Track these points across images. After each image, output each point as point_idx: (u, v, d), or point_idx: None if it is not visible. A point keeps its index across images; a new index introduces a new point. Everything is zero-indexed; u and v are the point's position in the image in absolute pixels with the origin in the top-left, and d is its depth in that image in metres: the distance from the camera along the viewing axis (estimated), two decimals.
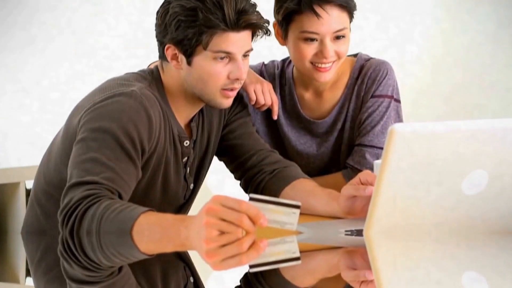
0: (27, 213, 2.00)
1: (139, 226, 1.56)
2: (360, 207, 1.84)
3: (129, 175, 1.75)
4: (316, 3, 2.08)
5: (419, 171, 1.49)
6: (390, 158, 1.46)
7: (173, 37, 1.86)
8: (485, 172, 1.53)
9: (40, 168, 1.98)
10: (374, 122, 2.23)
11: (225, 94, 1.92)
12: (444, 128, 1.48)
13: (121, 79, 1.91)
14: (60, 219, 1.66)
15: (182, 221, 1.54)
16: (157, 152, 1.89)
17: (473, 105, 4.25)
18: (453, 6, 4.27)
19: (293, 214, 1.51)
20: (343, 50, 2.14)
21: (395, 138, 1.44)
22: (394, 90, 2.26)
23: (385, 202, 1.50)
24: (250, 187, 2.10)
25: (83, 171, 1.70)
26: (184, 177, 2.02)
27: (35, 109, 4.02)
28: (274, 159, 2.10)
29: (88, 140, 1.75)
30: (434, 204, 1.53)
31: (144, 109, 1.81)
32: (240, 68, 1.89)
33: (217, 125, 2.09)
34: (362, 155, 2.23)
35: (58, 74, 4.06)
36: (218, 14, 1.83)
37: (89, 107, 1.82)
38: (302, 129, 2.31)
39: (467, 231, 1.59)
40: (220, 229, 1.47)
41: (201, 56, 1.87)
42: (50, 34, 4.03)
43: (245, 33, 1.87)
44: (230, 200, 1.47)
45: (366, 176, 1.83)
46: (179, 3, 1.85)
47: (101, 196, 1.65)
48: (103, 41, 4.14)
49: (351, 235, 1.65)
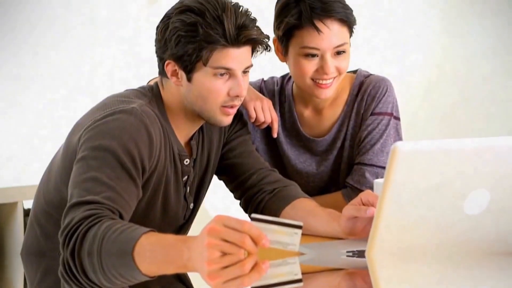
0: (26, 233, 1.98)
1: (140, 247, 1.54)
2: (361, 228, 1.83)
3: (130, 195, 1.74)
4: (317, 17, 2.08)
5: (421, 190, 1.48)
6: (393, 177, 1.45)
7: (173, 53, 1.85)
8: (486, 192, 1.52)
9: (40, 188, 1.96)
10: (373, 140, 2.23)
11: (225, 112, 1.91)
12: (446, 146, 1.47)
13: (121, 96, 1.90)
14: (61, 240, 1.64)
15: (184, 242, 1.52)
16: (158, 171, 1.88)
17: (470, 123, 4.25)
18: (451, 26, 4.28)
19: (295, 234, 1.50)
20: (343, 66, 2.14)
21: (398, 157, 1.43)
22: (394, 107, 2.26)
23: (387, 223, 1.49)
24: (250, 206, 2.09)
25: (84, 191, 1.68)
26: (184, 196, 2.01)
27: (32, 127, 4.00)
28: (274, 178, 2.09)
29: (88, 158, 1.73)
30: (436, 224, 1.52)
31: (145, 127, 1.80)
32: (240, 85, 1.88)
33: (217, 143, 2.08)
34: (361, 174, 2.22)
35: (56, 92, 4.05)
36: (218, 29, 1.82)
37: (89, 124, 1.80)
38: (302, 148, 2.30)
39: (468, 251, 1.58)
40: (222, 250, 1.45)
41: (201, 73, 1.86)
42: (48, 53, 4.02)
43: (245, 48, 1.87)
44: (232, 220, 1.46)
45: (367, 196, 1.82)
46: (179, 18, 1.84)
47: (102, 216, 1.63)
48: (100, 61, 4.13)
49: (352, 257, 1.64)
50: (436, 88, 4.31)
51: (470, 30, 4.22)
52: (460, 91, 4.27)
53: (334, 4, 2.09)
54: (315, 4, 2.08)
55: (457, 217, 1.53)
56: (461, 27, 4.24)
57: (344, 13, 2.10)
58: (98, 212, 1.64)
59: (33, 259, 1.92)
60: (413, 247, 1.54)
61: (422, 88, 4.33)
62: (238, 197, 2.14)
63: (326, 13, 2.08)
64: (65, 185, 1.82)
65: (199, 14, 1.83)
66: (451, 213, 1.52)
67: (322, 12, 2.08)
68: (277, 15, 2.15)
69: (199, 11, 1.83)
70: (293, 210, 2.00)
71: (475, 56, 4.21)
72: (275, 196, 2.05)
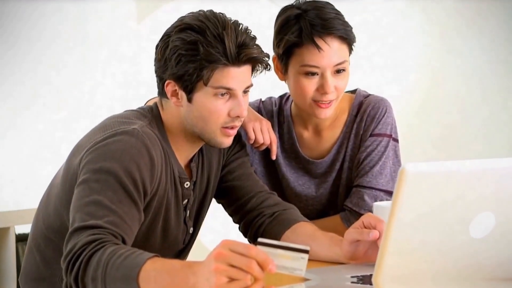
0: (25, 259, 1.95)
1: (145, 272, 1.52)
2: (363, 252, 1.81)
3: (132, 219, 1.71)
4: (317, 35, 2.07)
5: (428, 213, 1.46)
6: (401, 200, 1.42)
7: (174, 73, 1.83)
8: (492, 215, 1.51)
9: (39, 211, 1.93)
10: (372, 162, 2.22)
11: (225, 133, 1.89)
12: (456, 167, 1.45)
13: (121, 117, 1.87)
14: (64, 266, 1.62)
15: (190, 267, 1.50)
16: (159, 194, 1.85)
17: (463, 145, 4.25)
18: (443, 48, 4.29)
19: (301, 259, 1.49)
20: (342, 85, 2.13)
21: (407, 179, 1.41)
22: (393, 128, 2.25)
23: (394, 247, 1.47)
24: (250, 230, 2.07)
25: (86, 215, 1.66)
26: (184, 220, 1.99)
27: (32, 149, 3.96)
28: (273, 202, 2.07)
29: (90, 181, 1.71)
30: (442, 248, 1.50)
31: (146, 149, 1.78)
32: (241, 105, 1.86)
33: (217, 165, 2.06)
34: (360, 197, 2.21)
35: (49, 117, 4.02)
36: (219, 48, 1.80)
37: (90, 146, 1.77)
38: (301, 170, 2.28)
39: (473, 276, 1.56)
40: (229, 276, 1.44)
41: (202, 93, 1.84)
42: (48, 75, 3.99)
43: (245, 67, 1.85)
44: (239, 245, 1.45)
45: (369, 219, 1.80)
46: (179, 36, 1.82)
47: (106, 241, 1.60)
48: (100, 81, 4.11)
49: (357, 283, 1.62)
50: (436, 108, 4.31)
51: (469, 49, 4.22)
52: (460, 111, 4.27)
53: (334, 21, 2.09)
54: (315, 21, 2.08)
55: (463, 240, 1.51)
56: (461, 46, 4.24)
57: (344, 30, 2.10)
58: (101, 237, 1.62)
59: (32, 284, 1.89)
60: (419, 271, 1.52)
61: (422, 108, 4.32)
62: (237, 221, 2.12)
63: (326, 30, 2.07)
64: (66, 209, 1.80)
65: (200, 32, 1.81)
66: (457, 236, 1.50)
67: (322, 29, 2.07)
68: (277, 32, 2.14)
69: (200, 29, 1.81)
70: (294, 234, 1.98)
71: (475, 76, 4.22)
72: (275, 219, 2.03)
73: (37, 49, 3.94)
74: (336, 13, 2.12)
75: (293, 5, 2.15)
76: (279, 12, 2.17)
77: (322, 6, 2.12)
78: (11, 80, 3.91)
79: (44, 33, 3.95)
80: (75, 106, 4.05)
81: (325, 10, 2.10)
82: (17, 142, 3.92)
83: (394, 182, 2.22)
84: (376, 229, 1.77)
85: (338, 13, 2.13)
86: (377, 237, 1.76)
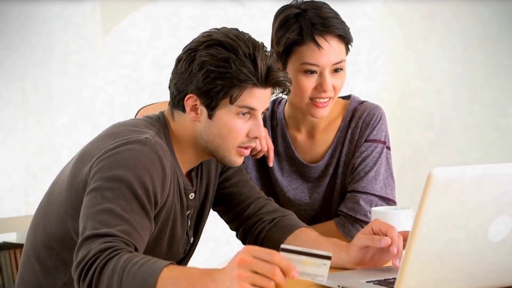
0: (22, 270, 1.89)
1: (163, 280, 1.48)
2: (370, 257, 1.81)
3: (143, 229, 1.67)
4: (318, 33, 2.09)
5: (451, 218, 1.45)
6: (427, 206, 1.40)
7: (199, 87, 1.79)
8: (509, 218, 1.51)
9: (38, 221, 1.87)
10: (367, 167, 2.22)
11: (240, 152, 1.86)
12: (481, 171, 1.44)
13: (131, 125, 1.83)
14: (76, 274, 1.56)
15: (209, 274, 1.47)
16: (167, 206, 1.82)
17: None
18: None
19: (324, 265, 1.46)
20: (339, 84, 2.15)
21: (434, 184, 1.39)
22: (387, 136, 2.26)
23: (418, 252, 1.45)
24: (249, 237, 2.04)
25: (98, 223, 1.61)
26: (186, 230, 1.95)
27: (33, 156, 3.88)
28: (272, 208, 2.05)
29: (102, 189, 1.66)
30: (462, 253, 1.49)
31: (159, 159, 1.74)
32: (260, 126, 1.84)
33: (214, 173, 2.03)
34: (356, 201, 2.20)
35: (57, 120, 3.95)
36: (251, 67, 1.77)
37: (100, 154, 1.73)
38: (294, 173, 2.27)
39: (491, 281, 1.56)
40: (253, 283, 1.40)
41: (224, 110, 1.80)
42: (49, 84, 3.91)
43: (269, 90, 1.83)
44: (262, 251, 1.41)
45: (379, 226, 1.79)
46: (209, 52, 1.78)
47: (120, 249, 1.56)
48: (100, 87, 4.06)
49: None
50: (436, 114, 4.32)
51: (471, 56, 4.24)
52: (461, 117, 4.28)
53: (333, 20, 2.11)
54: (315, 19, 2.10)
55: (481, 244, 1.50)
56: (462, 52, 4.25)
57: (343, 29, 2.12)
58: (115, 244, 1.57)
59: None
60: (440, 276, 1.51)
61: (422, 114, 4.32)
62: (235, 228, 2.09)
63: (326, 29, 2.10)
64: (70, 217, 1.76)
65: (231, 50, 1.78)
66: (477, 240, 1.50)
67: (322, 28, 2.09)
68: (276, 30, 2.15)
69: (231, 47, 1.78)
70: (296, 240, 1.95)
71: (476, 82, 4.23)
72: (275, 226, 2.01)
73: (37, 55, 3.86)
74: (334, 13, 2.15)
75: (291, 4, 2.16)
76: (277, 11, 2.18)
77: (320, 6, 2.14)
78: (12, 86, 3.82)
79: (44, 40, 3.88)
80: (75, 112, 3.97)
81: (323, 9, 2.13)
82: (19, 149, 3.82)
83: (387, 189, 2.23)
84: (387, 235, 1.77)
85: (336, 13, 2.15)
86: (389, 244, 1.75)
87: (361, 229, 1.85)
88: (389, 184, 2.24)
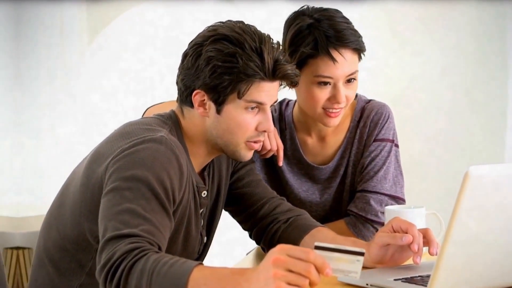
0: (35, 273, 1.85)
1: (194, 281, 1.46)
2: (390, 256, 1.80)
3: (165, 228, 1.65)
4: (332, 46, 2.06)
5: (486, 216, 1.43)
6: (463, 203, 1.38)
7: (206, 83, 1.77)
8: None
9: (51, 222, 1.84)
10: (377, 167, 2.21)
11: (250, 146, 1.84)
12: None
13: (144, 124, 1.80)
14: (102, 276, 1.53)
15: (242, 274, 1.44)
16: (183, 204, 1.79)
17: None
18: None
19: (357, 262, 1.45)
20: (352, 94, 2.13)
21: (471, 183, 1.37)
22: (394, 134, 2.25)
23: (453, 253, 1.43)
24: (265, 237, 2.02)
25: (120, 223, 1.58)
26: (199, 230, 1.93)
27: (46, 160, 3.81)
28: (286, 208, 2.03)
29: (121, 189, 1.63)
30: (498, 251, 1.48)
31: (176, 157, 1.72)
32: (269, 120, 1.82)
33: (226, 172, 2.01)
34: (366, 201, 2.20)
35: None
36: (258, 62, 1.75)
37: (116, 154, 1.70)
38: (304, 176, 2.26)
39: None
40: (289, 282, 1.38)
41: (233, 105, 1.78)
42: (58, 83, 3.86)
43: (277, 83, 1.81)
44: (296, 250, 1.40)
45: (399, 224, 1.78)
46: (215, 46, 1.76)
47: (147, 250, 1.53)
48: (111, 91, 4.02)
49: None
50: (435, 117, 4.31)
51: (470, 59, 4.24)
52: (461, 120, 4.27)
53: (347, 32, 2.08)
54: (329, 32, 2.07)
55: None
56: (458, 57, 4.25)
57: (357, 41, 2.09)
58: (141, 245, 1.54)
59: None
60: (476, 275, 1.49)
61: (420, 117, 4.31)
62: (248, 228, 2.07)
63: (341, 43, 2.07)
64: (85, 218, 1.73)
65: (237, 45, 1.76)
66: (510, 238, 1.49)
67: (337, 42, 2.06)
68: (289, 43, 2.10)
69: (238, 42, 1.76)
70: (313, 239, 1.93)
71: (476, 86, 4.23)
72: (291, 226, 1.99)
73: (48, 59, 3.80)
74: (347, 23, 2.11)
75: (303, 11, 2.13)
76: (289, 19, 2.14)
77: (334, 15, 2.10)
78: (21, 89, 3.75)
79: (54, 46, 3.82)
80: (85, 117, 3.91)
81: (337, 19, 2.09)
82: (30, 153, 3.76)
83: (396, 187, 2.23)
84: (408, 233, 1.76)
85: (348, 23, 2.12)
86: (411, 241, 1.75)
87: (372, 229, 1.84)
88: (398, 182, 2.23)
